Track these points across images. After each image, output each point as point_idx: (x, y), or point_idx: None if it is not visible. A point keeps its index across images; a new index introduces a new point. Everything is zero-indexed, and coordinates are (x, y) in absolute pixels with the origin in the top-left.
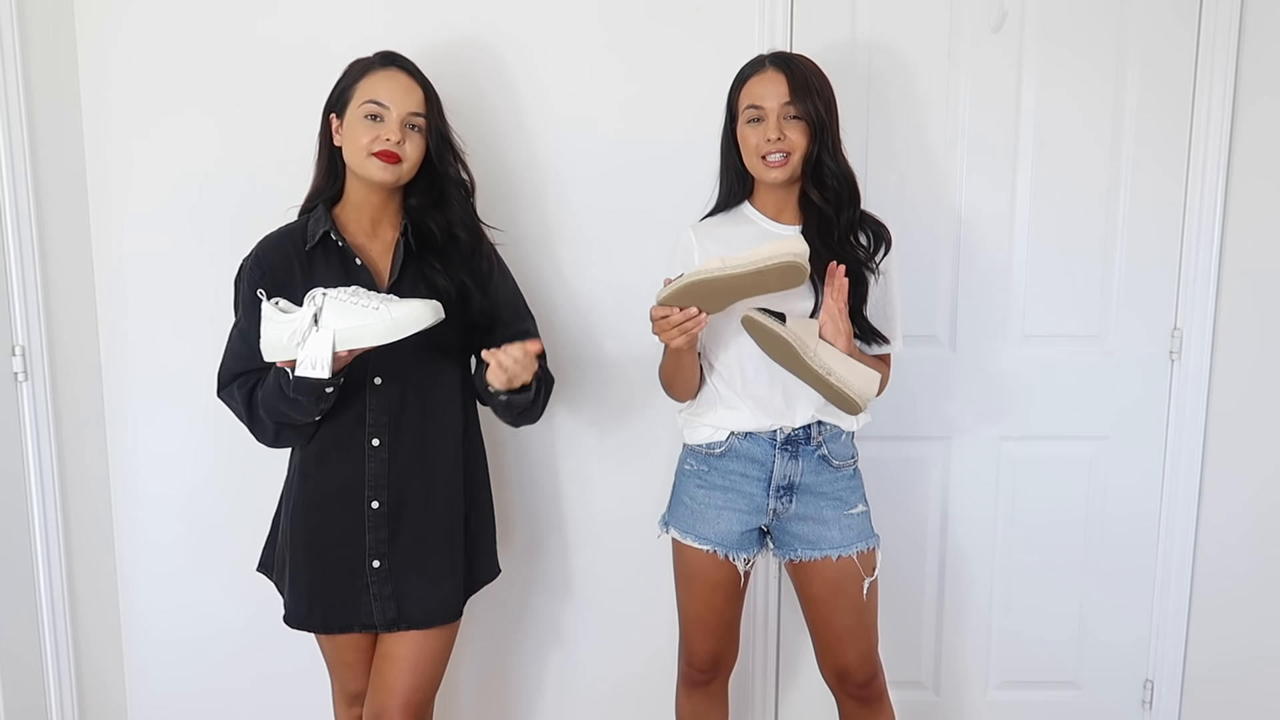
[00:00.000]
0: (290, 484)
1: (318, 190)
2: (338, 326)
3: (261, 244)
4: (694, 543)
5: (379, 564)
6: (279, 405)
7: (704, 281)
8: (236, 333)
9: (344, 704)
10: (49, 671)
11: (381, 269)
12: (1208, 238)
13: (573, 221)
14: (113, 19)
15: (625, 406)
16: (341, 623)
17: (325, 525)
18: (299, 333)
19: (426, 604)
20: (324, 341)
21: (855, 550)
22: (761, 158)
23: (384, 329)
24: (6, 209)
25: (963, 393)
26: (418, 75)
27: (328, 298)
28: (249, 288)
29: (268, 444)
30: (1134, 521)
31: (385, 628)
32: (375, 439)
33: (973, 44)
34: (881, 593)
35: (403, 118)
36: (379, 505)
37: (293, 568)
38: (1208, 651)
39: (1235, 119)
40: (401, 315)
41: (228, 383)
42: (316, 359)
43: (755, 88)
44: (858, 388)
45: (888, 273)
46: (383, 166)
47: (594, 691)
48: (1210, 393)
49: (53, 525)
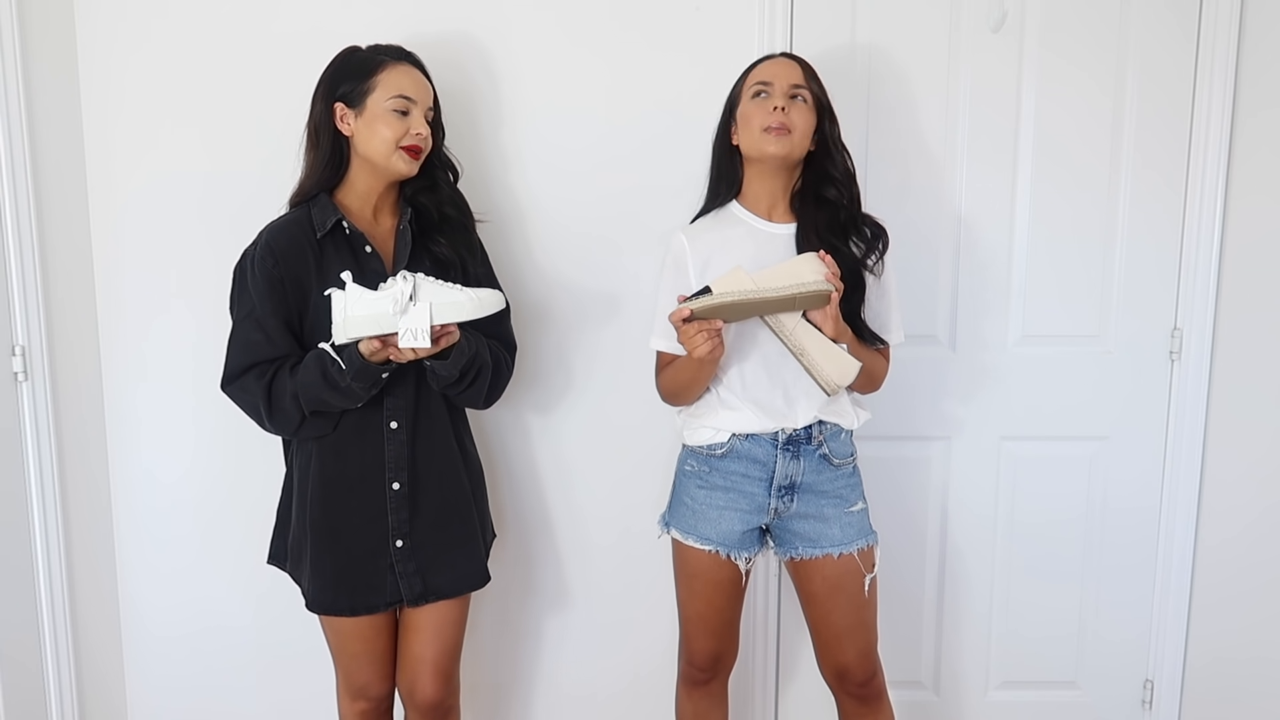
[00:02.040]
0: (303, 472)
1: (318, 180)
2: (435, 300)
3: (269, 234)
4: (695, 543)
5: (402, 543)
6: (322, 394)
7: (735, 303)
8: (248, 324)
9: (348, 696)
10: (49, 670)
11: (385, 254)
12: (1208, 237)
13: (569, 220)
14: (113, 19)
15: (626, 407)
16: (368, 604)
17: (347, 509)
18: (401, 302)
19: (452, 575)
20: (423, 313)
21: (856, 547)
22: (764, 130)
23: (473, 306)
24: (6, 209)
25: (963, 393)
26: (424, 68)
27: (418, 275)
28: (262, 278)
29: (287, 434)
30: (1134, 521)
31: (413, 602)
32: (394, 421)
33: (973, 44)
34: (881, 592)
35: (425, 112)
36: (400, 486)
37: (314, 554)
38: (1208, 651)
39: (1235, 119)
40: (484, 296)
41: (238, 375)
42: (417, 329)
43: (765, 69)
44: (829, 373)
45: (885, 271)
46: (409, 160)
47: (593, 690)
48: (1210, 392)
49: (53, 525)
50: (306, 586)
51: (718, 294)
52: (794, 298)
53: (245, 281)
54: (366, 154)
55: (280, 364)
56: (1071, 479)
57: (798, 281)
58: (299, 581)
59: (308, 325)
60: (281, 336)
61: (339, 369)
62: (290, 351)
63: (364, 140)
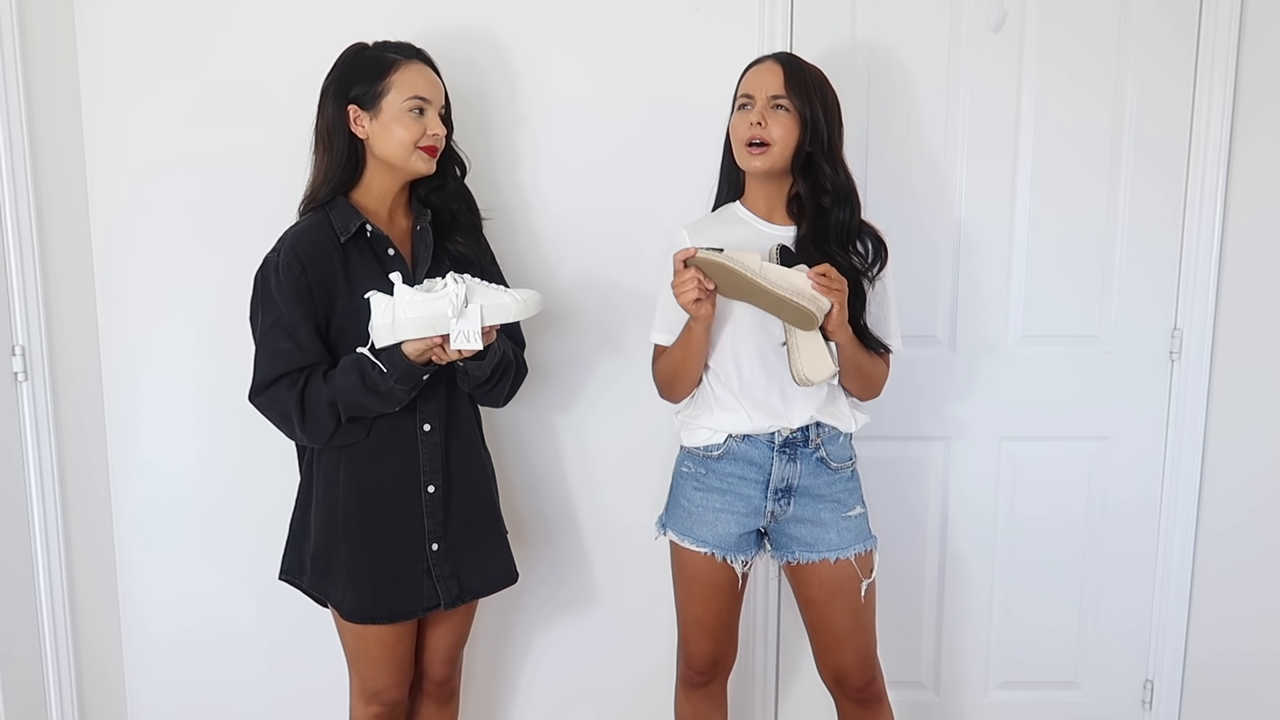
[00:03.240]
0: (329, 482)
1: (334, 183)
2: (485, 303)
3: (292, 240)
4: (692, 545)
5: (437, 546)
6: (361, 399)
7: (736, 273)
8: (276, 332)
9: (361, 699)
10: (49, 669)
11: (405, 256)
12: (1208, 237)
13: (566, 218)
14: (113, 15)
15: (626, 407)
16: (405, 609)
17: (384, 515)
18: (457, 306)
19: (486, 573)
20: (475, 315)
21: (853, 552)
22: (743, 145)
23: (520, 307)
24: (6, 209)
25: (963, 393)
26: (436, 67)
27: (466, 278)
28: (288, 284)
29: (319, 443)
30: (1133, 521)
31: (450, 604)
32: (427, 424)
33: (973, 44)
34: (881, 593)
35: (439, 111)
36: (435, 489)
37: (351, 563)
38: (1208, 651)
39: (1235, 119)
40: (528, 297)
41: (268, 384)
42: (469, 331)
43: (751, 77)
44: (804, 365)
45: (884, 278)
46: (428, 159)
47: (592, 692)
48: (1210, 393)
49: (53, 525)
50: (342, 596)
51: (725, 254)
52: (784, 302)
53: (269, 289)
54: (384, 156)
55: (311, 371)
56: (1071, 479)
57: (794, 291)
58: (324, 593)
59: (334, 331)
60: (311, 344)
61: (380, 373)
62: (321, 359)
63: (380, 142)
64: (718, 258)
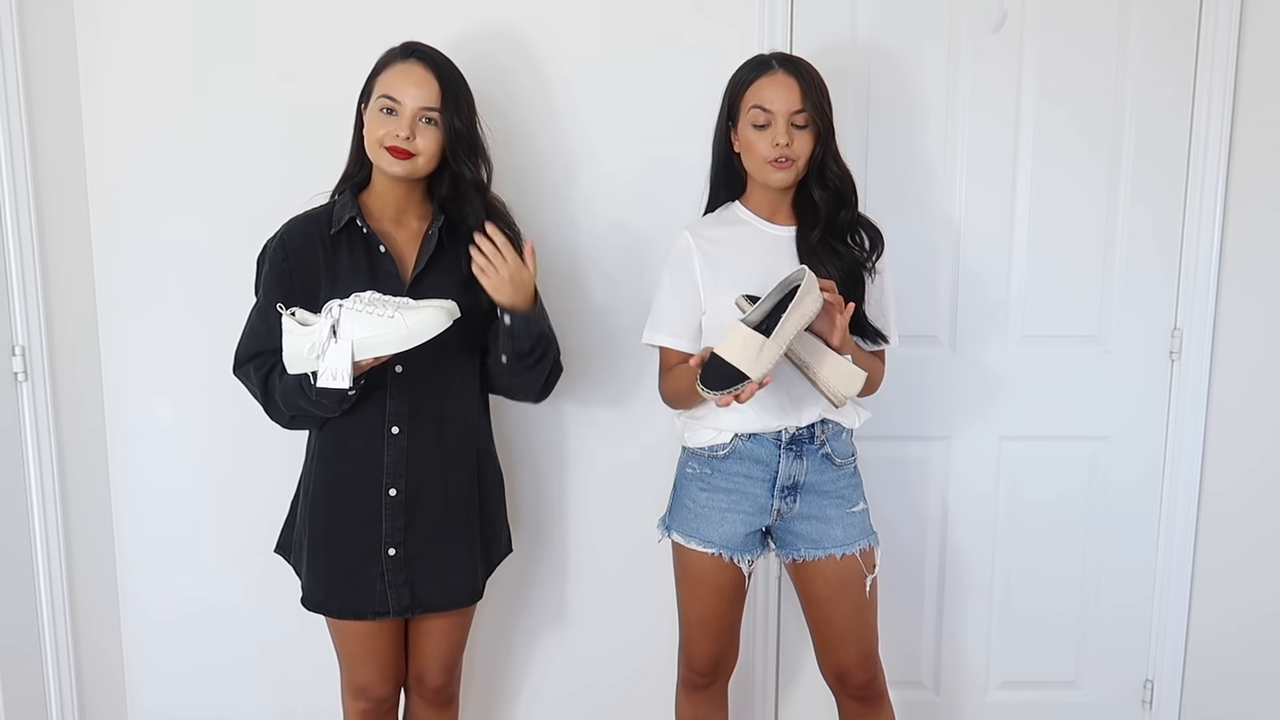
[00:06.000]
0: (308, 468)
1: (347, 176)
2: (355, 337)
3: (287, 226)
4: (698, 546)
5: (394, 551)
6: (298, 402)
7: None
8: (255, 313)
9: (349, 694)
10: (49, 664)
11: (406, 257)
12: (1207, 237)
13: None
14: (113, 15)
15: (626, 408)
16: (354, 609)
17: (343, 511)
18: (318, 345)
19: (443, 588)
20: (343, 353)
21: (858, 548)
22: (768, 163)
23: (399, 338)
24: (6, 209)
25: (963, 393)
26: (438, 68)
27: (344, 308)
28: (271, 271)
29: (282, 425)
30: (1134, 521)
31: (399, 613)
32: (395, 427)
33: (973, 45)
34: (881, 592)
35: (416, 112)
36: (396, 493)
37: (310, 552)
38: (1208, 651)
39: (1235, 119)
40: (415, 323)
41: (244, 362)
42: (337, 370)
43: (764, 90)
44: (834, 384)
45: (881, 273)
46: (393, 161)
47: (593, 693)
48: (1210, 393)
49: (53, 524)
50: (304, 581)
51: (766, 348)
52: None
53: (261, 272)
54: (367, 152)
55: (278, 358)
56: (1071, 478)
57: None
58: (298, 574)
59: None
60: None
61: (309, 383)
62: None
63: (365, 139)
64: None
